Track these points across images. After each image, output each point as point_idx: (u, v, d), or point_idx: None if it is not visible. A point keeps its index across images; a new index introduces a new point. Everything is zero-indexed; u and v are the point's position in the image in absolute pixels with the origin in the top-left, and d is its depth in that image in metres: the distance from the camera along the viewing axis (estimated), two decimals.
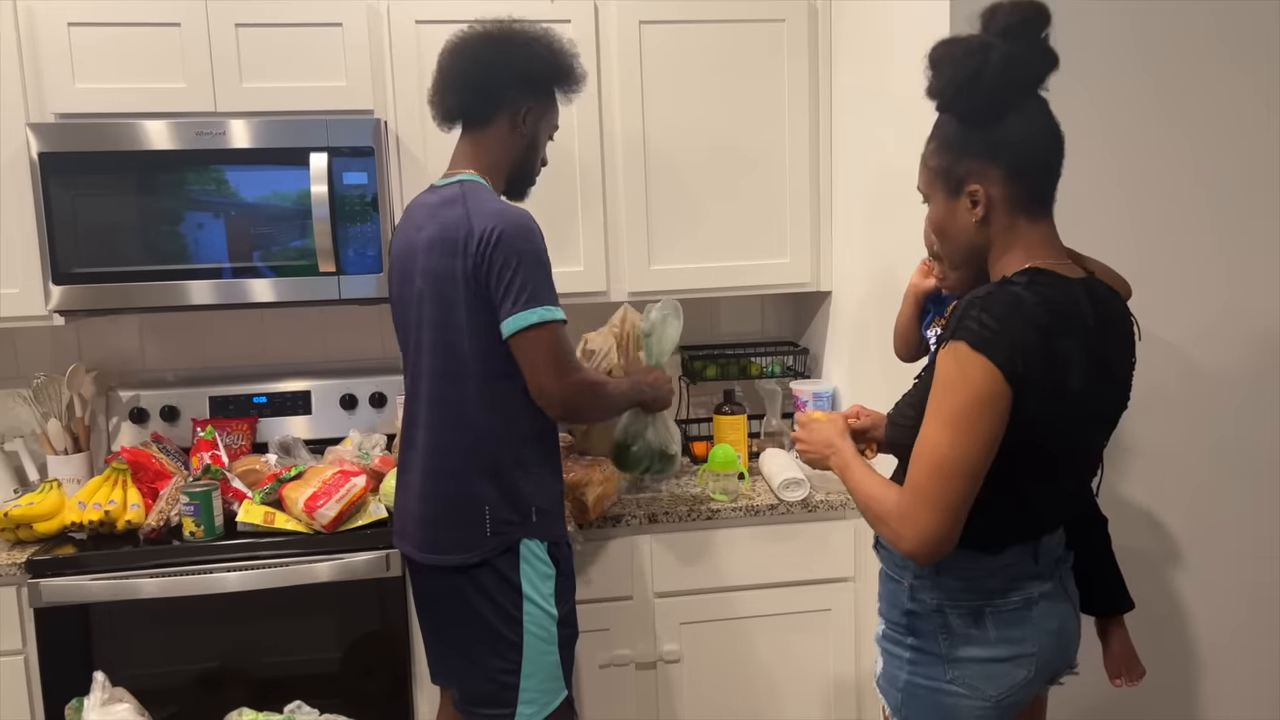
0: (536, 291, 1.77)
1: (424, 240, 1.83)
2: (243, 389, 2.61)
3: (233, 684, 2.19)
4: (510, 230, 1.75)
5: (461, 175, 1.87)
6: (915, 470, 1.36)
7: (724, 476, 2.37)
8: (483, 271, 1.75)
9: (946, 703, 1.48)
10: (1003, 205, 1.39)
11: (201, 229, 2.25)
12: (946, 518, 1.33)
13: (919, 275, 1.94)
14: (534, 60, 1.88)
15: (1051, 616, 1.49)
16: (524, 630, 1.83)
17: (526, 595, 1.84)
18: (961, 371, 1.31)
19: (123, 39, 2.25)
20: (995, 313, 1.31)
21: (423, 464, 1.88)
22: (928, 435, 1.35)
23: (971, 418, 1.31)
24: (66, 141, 2.18)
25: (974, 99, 1.37)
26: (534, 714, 1.86)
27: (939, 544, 1.34)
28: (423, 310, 1.85)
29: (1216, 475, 2.21)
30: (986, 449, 1.32)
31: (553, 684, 1.88)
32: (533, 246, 1.78)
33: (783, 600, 2.38)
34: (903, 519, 1.36)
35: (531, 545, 1.85)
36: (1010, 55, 1.34)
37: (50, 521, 2.20)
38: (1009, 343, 1.29)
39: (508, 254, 1.75)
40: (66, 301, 2.24)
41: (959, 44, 1.37)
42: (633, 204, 2.49)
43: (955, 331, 1.33)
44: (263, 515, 2.19)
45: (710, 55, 2.48)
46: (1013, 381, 1.29)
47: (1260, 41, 2.09)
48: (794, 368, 2.82)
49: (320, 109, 2.32)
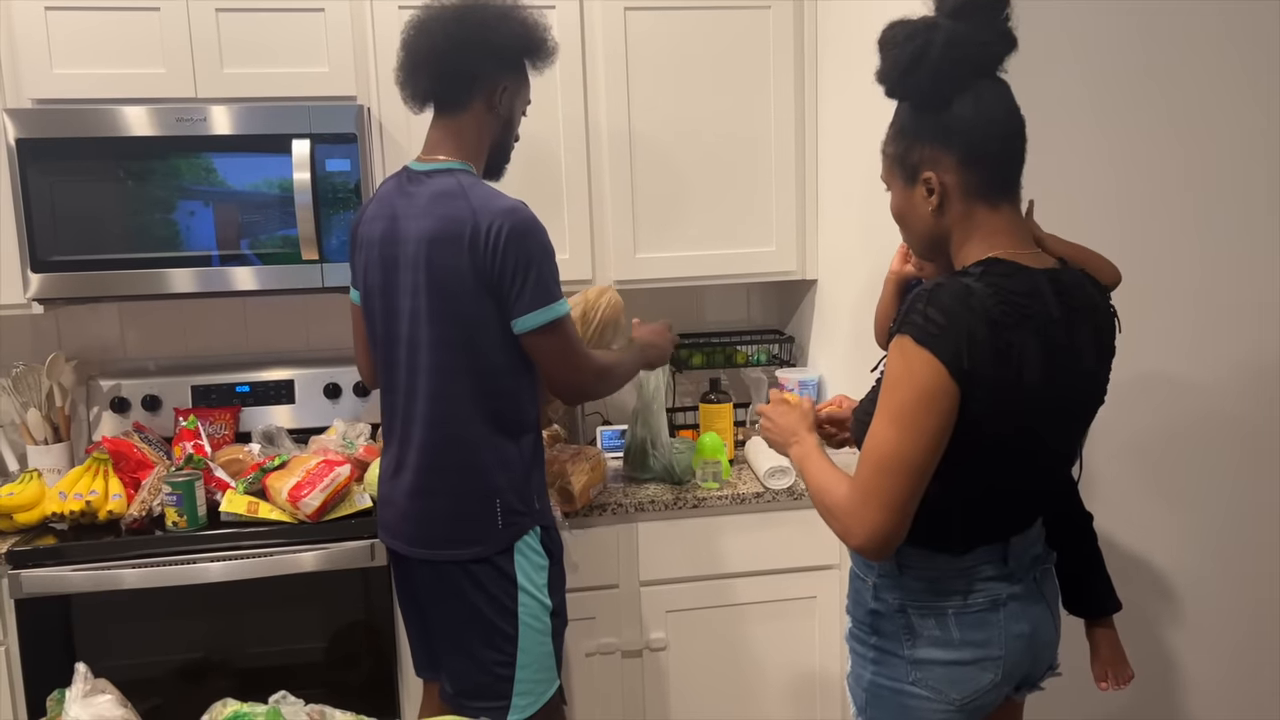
0: (548, 287, 1.77)
1: (421, 232, 1.77)
2: (225, 378, 2.59)
3: (216, 674, 2.18)
4: (521, 227, 1.74)
5: (451, 163, 1.83)
6: (861, 466, 1.33)
7: (708, 463, 2.37)
8: (494, 268, 1.72)
9: (909, 704, 1.45)
10: (958, 192, 1.35)
11: (182, 216, 2.23)
12: (891, 515, 1.30)
13: (898, 261, 1.93)
14: (507, 36, 1.84)
15: (1021, 620, 1.45)
16: (519, 622, 1.82)
17: (522, 586, 1.82)
18: (906, 366, 1.28)
19: (101, 23, 2.22)
20: (942, 306, 1.27)
21: (421, 461, 1.83)
22: (874, 431, 1.32)
23: (916, 414, 1.28)
24: (44, 128, 2.15)
25: (920, 82, 1.33)
26: (529, 705, 1.85)
27: (884, 541, 1.31)
28: (419, 303, 1.78)
29: (1206, 473, 2.23)
30: (932, 446, 1.29)
31: (546, 674, 1.88)
32: (542, 241, 1.77)
33: (769, 588, 2.39)
34: (849, 514, 1.33)
35: (526, 535, 1.84)
36: (954, 35, 1.29)
37: (31, 512, 2.18)
38: (954, 337, 1.25)
39: (520, 251, 1.73)
40: (45, 290, 2.21)
41: (904, 25, 1.33)
42: (618, 192, 2.48)
43: (901, 325, 1.29)
44: (246, 505, 2.18)
45: (696, 42, 2.47)
46: (959, 377, 1.26)
47: (1259, 38, 2.10)
48: (780, 356, 2.82)
49: (302, 95, 2.30)
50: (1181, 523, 2.23)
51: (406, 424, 1.85)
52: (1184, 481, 2.22)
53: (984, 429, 1.30)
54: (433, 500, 1.83)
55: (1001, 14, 1.32)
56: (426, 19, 1.83)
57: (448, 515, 1.83)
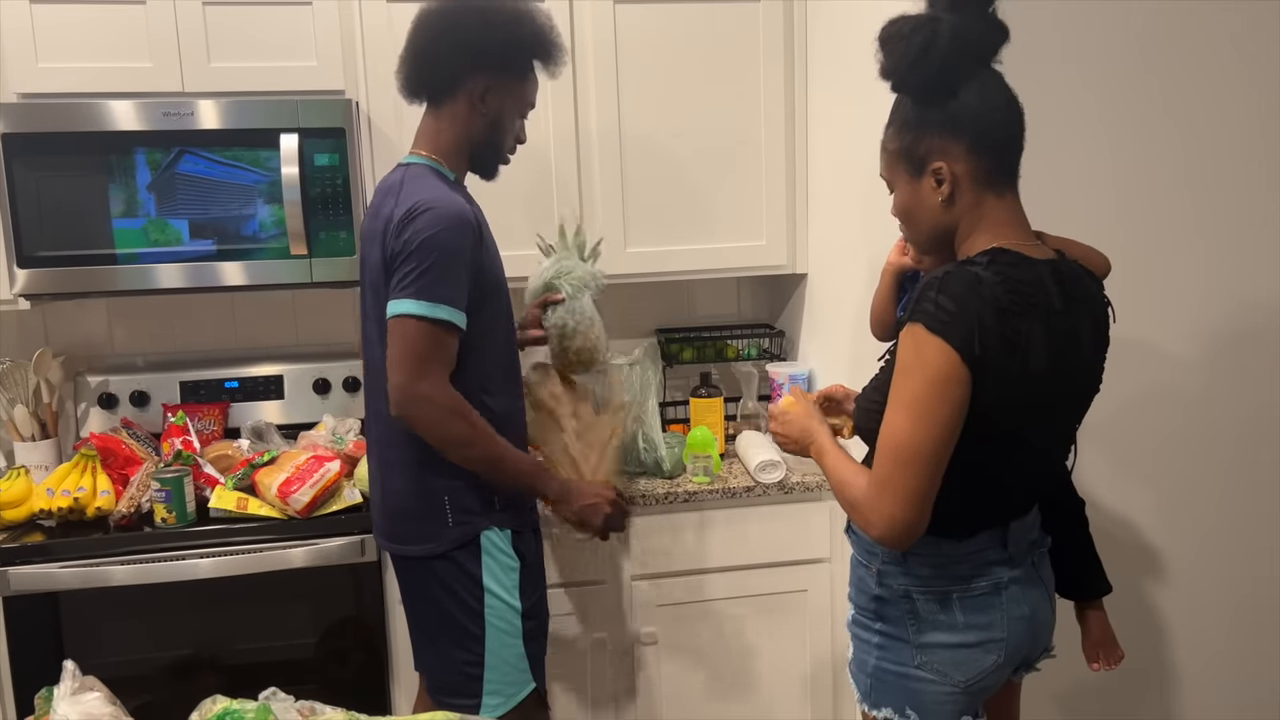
0: (427, 281, 1.68)
1: (366, 230, 1.84)
2: (214, 374, 2.58)
3: (206, 671, 2.17)
4: (424, 215, 1.69)
5: (412, 158, 1.85)
6: (879, 457, 1.35)
7: (699, 457, 2.38)
8: (394, 256, 1.71)
9: (915, 688, 1.48)
10: (968, 181, 1.37)
11: (170, 211, 2.21)
12: (911, 504, 1.31)
13: (896, 253, 1.94)
14: (489, 36, 1.80)
15: (1021, 602, 1.48)
16: (485, 623, 1.82)
17: (488, 588, 1.82)
18: (919, 354, 1.29)
19: (87, 17, 2.20)
20: (952, 293, 1.28)
21: (379, 454, 1.88)
22: (889, 421, 1.33)
23: (931, 402, 1.29)
24: (30, 122, 2.14)
25: (927, 73, 1.34)
26: (499, 705, 1.85)
27: (906, 530, 1.33)
28: (366, 300, 1.84)
29: (1193, 460, 2.24)
30: (947, 433, 1.30)
31: (518, 675, 1.87)
32: (441, 235, 1.69)
33: (759, 582, 2.39)
34: (870, 506, 1.35)
35: (493, 536, 1.83)
36: (958, 27, 1.32)
37: (18, 509, 2.17)
38: (966, 324, 1.27)
39: (410, 235, 1.68)
40: (32, 285, 2.20)
41: (906, 21, 1.35)
42: (608, 187, 2.48)
43: (913, 314, 1.31)
44: (235, 501, 2.17)
45: (686, 37, 2.46)
46: (971, 364, 1.27)
47: (1260, 37, 2.10)
48: (770, 350, 2.82)
49: (290, 89, 2.28)
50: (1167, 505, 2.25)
51: (373, 421, 1.90)
52: (1169, 469, 2.24)
53: (989, 416, 1.32)
54: (391, 498, 1.86)
55: (990, 5, 1.35)
56: (421, 13, 1.84)
57: (403, 512, 1.85)
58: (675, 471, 2.41)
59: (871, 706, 1.54)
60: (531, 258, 2.20)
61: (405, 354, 1.70)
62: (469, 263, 1.74)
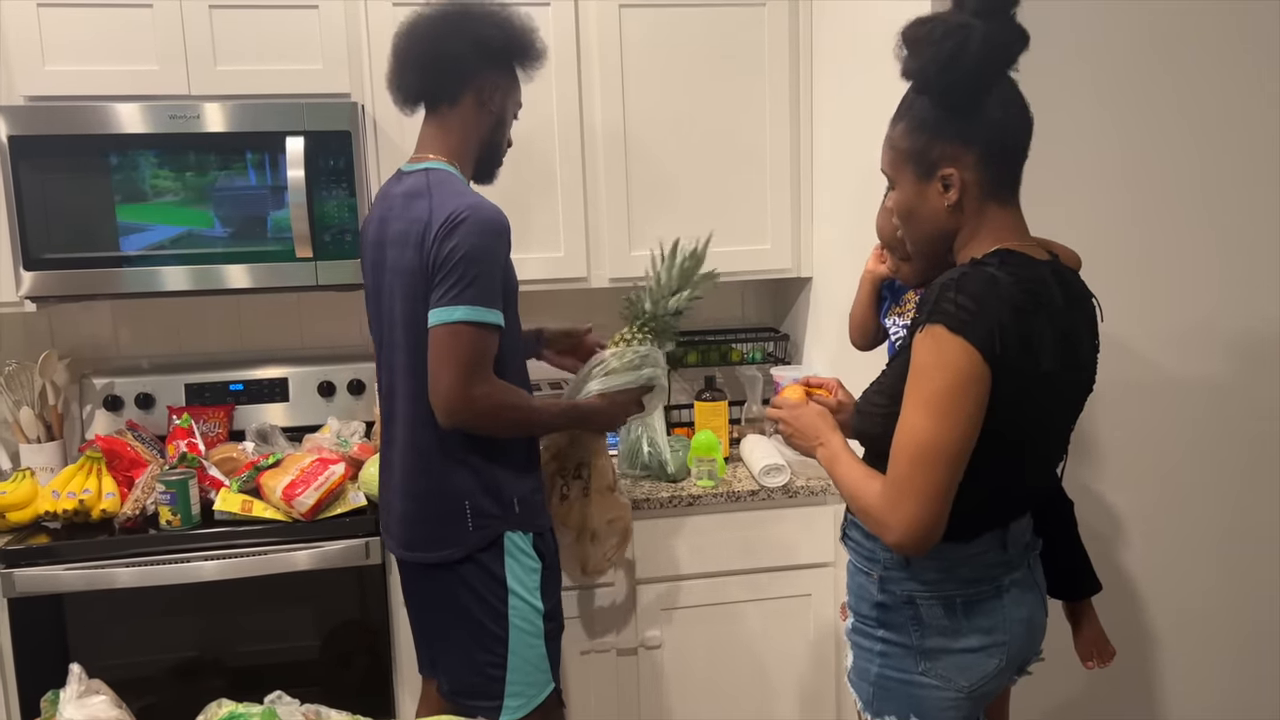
0: (472, 289, 1.70)
1: (393, 234, 1.80)
2: (219, 376, 2.58)
3: (211, 674, 2.17)
4: (467, 221, 1.69)
5: (429, 163, 1.83)
6: (896, 459, 1.33)
7: (703, 461, 2.37)
8: (435, 263, 1.70)
9: (918, 695, 1.46)
10: (975, 189, 1.36)
11: (177, 214, 2.21)
12: (931, 506, 1.30)
13: (873, 261, 1.94)
14: (494, 35, 1.83)
15: (1021, 605, 1.48)
16: (509, 624, 1.82)
17: (512, 589, 1.83)
18: (940, 355, 1.28)
19: (94, 20, 2.21)
20: (972, 293, 1.28)
21: (400, 460, 1.86)
22: (907, 422, 1.32)
23: (954, 401, 1.28)
24: (37, 125, 2.14)
25: (955, 79, 1.33)
26: (521, 706, 1.85)
27: (926, 534, 1.31)
28: (394, 305, 1.81)
29: (1182, 460, 2.23)
30: (968, 433, 1.29)
31: (539, 676, 1.88)
32: (485, 241, 1.71)
33: (764, 586, 2.39)
34: (887, 511, 1.33)
35: (515, 538, 1.84)
36: (989, 35, 1.30)
37: (23, 511, 2.17)
38: (987, 324, 1.26)
39: (455, 243, 1.69)
40: (38, 287, 2.20)
41: (937, 23, 1.33)
42: (613, 189, 2.48)
43: (932, 315, 1.29)
44: (240, 503, 2.17)
45: (691, 40, 2.46)
46: (992, 363, 1.27)
47: (1260, 36, 2.10)
48: (774, 354, 2.82)
49: (296, 92, 2.29)
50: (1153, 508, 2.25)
51: (390, 424, 1.88)
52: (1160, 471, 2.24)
53: (1000, 415, 1.31)
54: (412, 502, 1.85)
55: (1013, 10, 1.33)
56: (413, 22, 1.84)
57: (424, 516, 1.84)
58: (680, 475, 2.41)
59: (874, 715, 1.52)
60: (534, 260, 2.20)
61: (458, 361, 1.71)
62: (504, 266, 1.78)
